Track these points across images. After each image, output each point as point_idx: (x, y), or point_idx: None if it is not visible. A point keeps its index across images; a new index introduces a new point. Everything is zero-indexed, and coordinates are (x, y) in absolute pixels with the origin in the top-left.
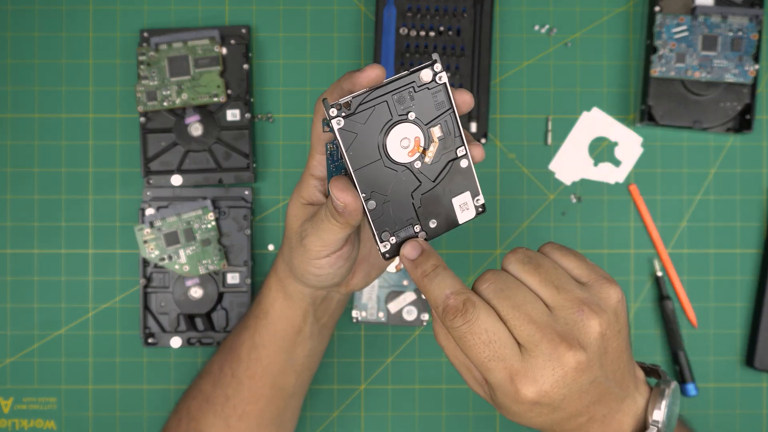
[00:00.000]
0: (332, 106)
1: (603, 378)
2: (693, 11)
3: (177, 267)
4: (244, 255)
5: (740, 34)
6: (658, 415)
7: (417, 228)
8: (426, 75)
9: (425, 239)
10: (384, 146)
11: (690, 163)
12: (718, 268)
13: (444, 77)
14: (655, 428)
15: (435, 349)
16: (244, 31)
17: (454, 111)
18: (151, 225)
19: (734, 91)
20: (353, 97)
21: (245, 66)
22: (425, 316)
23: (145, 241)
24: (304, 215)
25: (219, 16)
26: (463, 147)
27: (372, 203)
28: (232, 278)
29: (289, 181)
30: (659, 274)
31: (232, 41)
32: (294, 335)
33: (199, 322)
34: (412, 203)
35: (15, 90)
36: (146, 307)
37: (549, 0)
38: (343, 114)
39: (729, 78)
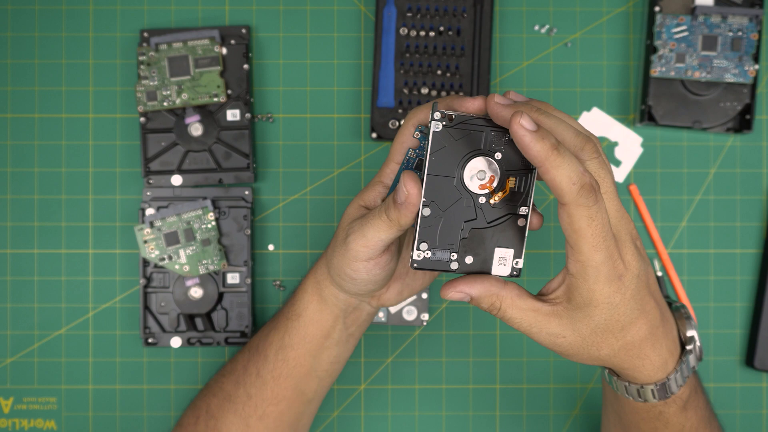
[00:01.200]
0: (439, 111)
1: (651, 270)
2: (693, 11)
3: (177, 267)
4: (244, 255)
5: (740, 34)
6: (693, 331)
7: (453, 256)
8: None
9: (454, 270)
10: (462, 168)
11: (690, 163)
12: (718, 268)
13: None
14: (693, 341)
15: (435, 349)
16: (244, 31)
17: (534, 174)
18: (151, 225)
19: (734, 91)
20: (458, 114)
21: (245, 66)
22: (425, 316)
23: (145, 241)
24: (354, 217)
25: (219, 16)
26: (527, 209)
27: (428, 210)
28: (232, 278)
29: (290, 181)
30: (659, 274)
31: (232, 41)
32: (323, 340)
33: (199, 322)
34: (461, 231)
35: (15, 90)
36: (146, 307)
37: (549, 0)
38: (444, 123)
39: (729, 78)
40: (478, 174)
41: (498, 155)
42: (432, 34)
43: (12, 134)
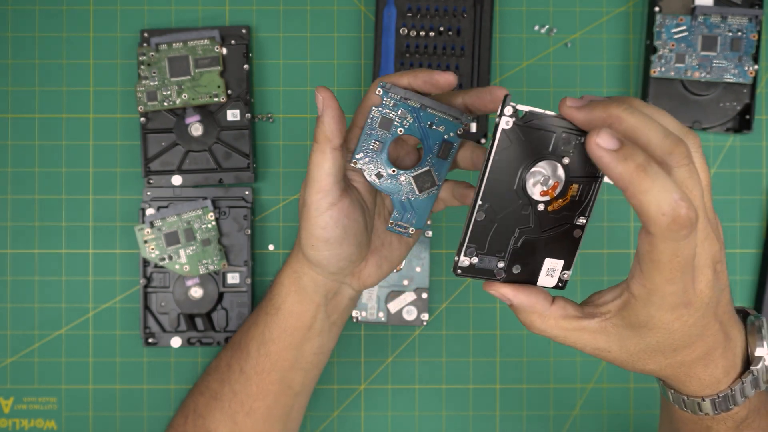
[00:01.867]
0: (510, 105)
1: (728, 292)
2: (693, 11)
3: (177, 267)
4: (244, 255)
5: (740, 34)
6: (763, 348)
7: (501, 264)
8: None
9: (499, 280)
10: (526, 172)
11: None
12: None
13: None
14: (762, 359)
15: (435, 349)
16: (244, 31)
17: (600, 183)
18: (152, 225)
19: (734, 91)
20: (531, 111)
21: (245, 66)
22: (425, 316)
23: (146, 241)
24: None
25: (219, 16)
26: (585, 219)
27: (482, 214)
28: (233, 278)
29: (290, 181)
30: None
31: (232, 41)
32: (304, 331)
33: (200, 322)
34: (513, 239)
35: (16, 90)
36: (146, 307)
37: (549, 0)
38: (515, 120)
39: (728, 78)
40: (542, 180)
41: (566, 160)
42: (432, 34)
43: (12, 134)
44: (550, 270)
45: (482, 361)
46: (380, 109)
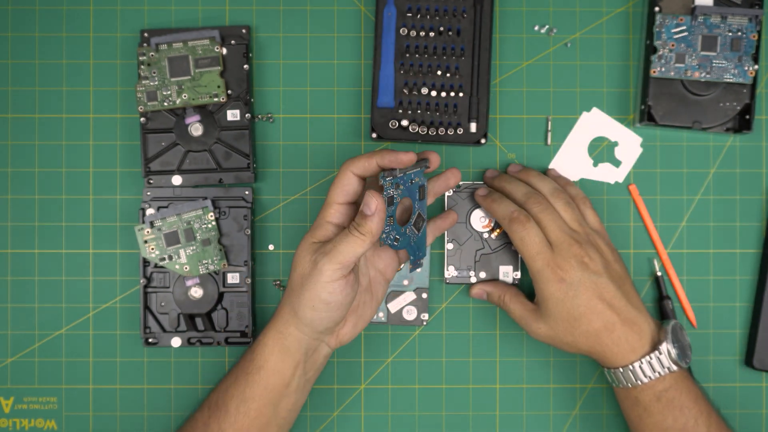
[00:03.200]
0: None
1: (610, 282)
2: (693, 11)
3: (177, 267)
4: (244, 255)
5: (740, 34)
6: (666, 336)
7: (471, 273)
8: None
9: (473, 283)
10: (469, 216)
11: (690, 163)
12: (718, 268)
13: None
14: (664, 344)
15: (435, 349)
16: (244, 31)
17: None
18: (152, 225)
19: (734, 91)
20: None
21: (245, 66)
22: (425, 316)
23: (146, 241)
24: (313, 250)
25: (219, 16)
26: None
27: (451, 245)
28: (233, 278)
29: (290, 181)
30: (659, 273)
31: (232, 41)
32: (283, 388)
33: (200, 322)
34: (475, 256)
35: (15, 90)
36: (146, 307)
37: (549, 0)
38: (454, 190)
39: (728, 78)
40: (480, 219)
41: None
42: (432, 34)
43: (12, 134)
44: (505, 273)
45: (482, 361)
46: (385, 193)
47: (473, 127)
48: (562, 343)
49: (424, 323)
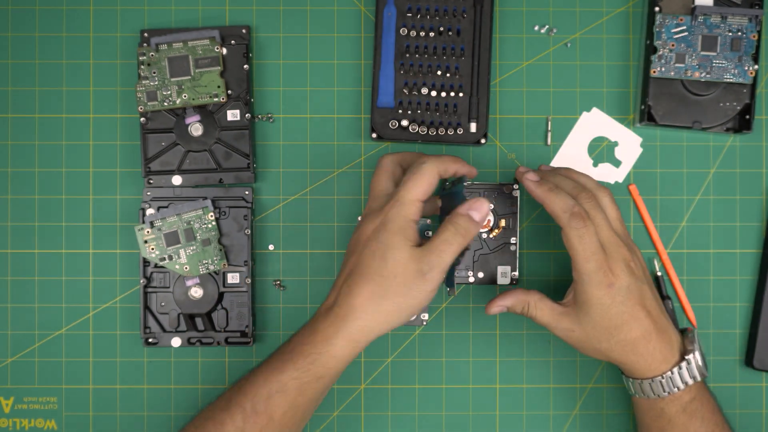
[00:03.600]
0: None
1: (650, 292)
2: (693, 11)
3: (177, 267)
4: (244, 255)
5: (740, 34)
6: (694, 345)
7: (470, 273)
8: (507, 188)
9: (471, 283)
10: None
11: (690, 163)
12: (718, 268)
13: (517, 193)
14: (692, 353)
15: (435, 349)
16: (244, 31)
17: (518, 215)
18: (152, 225)
19: (734, 91)
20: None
21: (245, 66)
22: (425, 316)
23: (146, 241)
24: (416, 257)
25: (219, 16)
26: (515, 238)
27: None
28: (233, 278)
29: (290, 181)
30: (659, 273)
31: (232, 41)
32: (330, 386)
33: (200, 322)
34: (473, 256)
35: (15, 90)
36: (146, 307)
37: (549, 0)
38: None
39: (728, 78)
40: None
41: (491, 205)
42: (432, 34)
43: (12, 134)
44: (503, 273)
45: (482, 361)
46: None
47: (473, 127)
48: (593, 349)
49: (424, 323)
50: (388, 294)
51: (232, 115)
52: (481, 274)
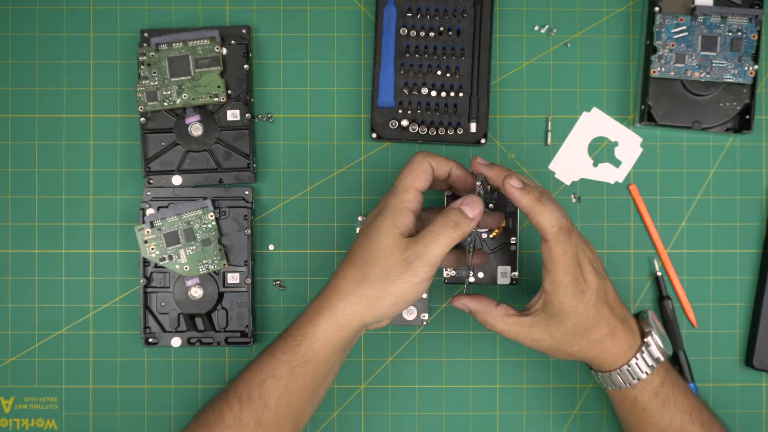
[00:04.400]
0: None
1: (611, 287)
2: (692, 11)
3: (177, 267)
4: (244, 255)
5: (740, 34)
6: (648, 327)
7: (470, 273)
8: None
9: (472, 282)
10: None
11: (690, 163)
12: (718, 268)
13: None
14: (650, 335)
15: (435, 349)
16: (244, 31)
17: (518, 215)
18: (152, 225)
19: (734, 91)
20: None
21: (245, 66)
22: (425, 316)
23: (146, 241)
24: (402, 246)
25: (219, 16)
26: (515, 238)
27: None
28: (233, 278)
29: (290, 181)
30: (659, 273)
31: (232, 41)
32: (326, 376)
33: (200, 322)
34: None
35: (15, 90)
36: (146, 307)
37: (549, 0)
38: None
39: (728, 78)
40: None
41: (491, 205)
42: (432, 34)
43: (12, 134)
44: (503, 273)
45: (482, 361)
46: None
47: (473, 127)
48: (563, 353)
49: (424, 323)
50: (370, 279)
51: (232, 115)
52: (481, 274)
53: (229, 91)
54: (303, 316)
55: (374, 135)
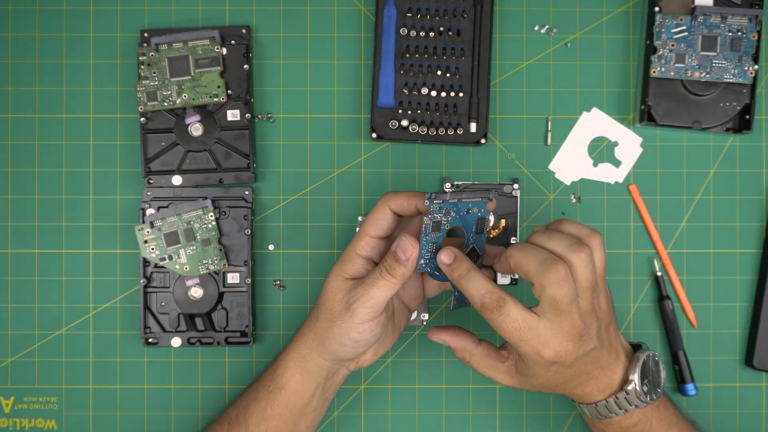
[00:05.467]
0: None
1: (603, 349)
2: (692, 11)
3: (177, 267)
4: (244, 255)
5: (740, 34)
6: (633, 375)
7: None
8: (507, 188)
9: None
10: None
11: (690, 163)
12: (718, 268)
13: (517, 193)
14: (632, 384)
15: (435, 349)
16: (244, 31)
17: (518, 215)
18: (152, 225)
19: (734, 91)
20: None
21: (245, 66)
22: (425, 316)
23: (146, 241)
24: (346, 288)
25: (219, 16)
26: (515, 238)
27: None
28: (233, 278)
29: (290, 181)
30: (659, 273)
31: (232, 41)
32: (303, 408)
33: (200, 322)
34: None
35: (15, 90)
36: (146, 307)
37: (549, 0)
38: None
39: (728, 78)
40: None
41: (491, 205)
42: (432, 34)
43: (12, 134)
44: (503, 273)
45: None
46: (430, 216)
47: (473, 127)
48: (532, 389)
49: (424, 323)
50: (320, 319)
51: (232, 115)
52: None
53: (229, 91)
54: (285, 347)
55: (374, 135)
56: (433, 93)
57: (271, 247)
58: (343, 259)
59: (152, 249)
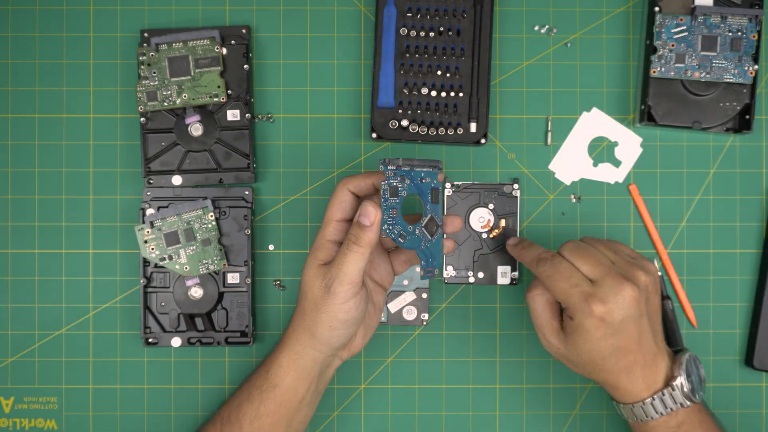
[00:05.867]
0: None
1: (647, 319)
2: (692, 11)
3: (177, 267)
4: (244, 255)
5: (740, 34)
6: (680, 371)
7: (470, 273)
8: (507, 188)
9: (472, 282)
10: (468, 216)
11: (690, 163)
12: (718, 268)
13: (517, 193)
14: (678, 379)
15: (435, 349)
16: (244, 31)
17: (518, 215)
18: (152, 225)
19: (734, 91)
20: (462, 184)
21: (245, 66)
22: (425, 316)
23: (146, 241)
24: (322, 274)
25: (219, 16)
26: (515, 239)
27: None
28: (233, 278)
29: (289, 181)
30: (659, 273)
31: (232, 41)
32: (296, 404)
33: (200, 322)
34: (473, 256)
35: (15, 90)
36: (147, 307)
37: (549, 0)
38: (454, 189)
39: (728, 78)
40: (479, 219)
41: (491, 205)
42: (432, 34)
43: (12, 134)
44: (503, 273)
45: (482, 361)
46: (386, 182)
47: (473, 127)
48: (575, 368)
49: (424, 323)
50: (306, 311)
51: (232, 115)
52: (481, 274)
53: (229, 91)
54: (275, 346)
55: (374, 135)
56: (433, 93)
57: (271, 247)
58: (315, 247)
59: (152, 249)
